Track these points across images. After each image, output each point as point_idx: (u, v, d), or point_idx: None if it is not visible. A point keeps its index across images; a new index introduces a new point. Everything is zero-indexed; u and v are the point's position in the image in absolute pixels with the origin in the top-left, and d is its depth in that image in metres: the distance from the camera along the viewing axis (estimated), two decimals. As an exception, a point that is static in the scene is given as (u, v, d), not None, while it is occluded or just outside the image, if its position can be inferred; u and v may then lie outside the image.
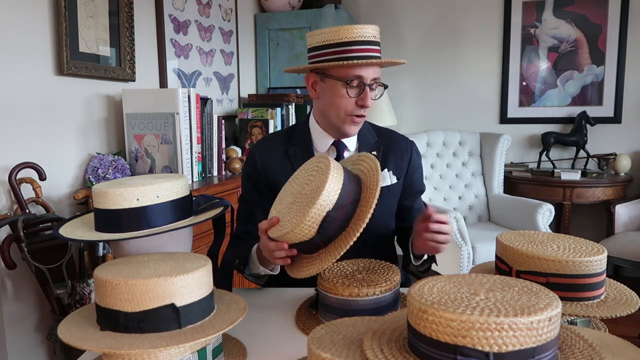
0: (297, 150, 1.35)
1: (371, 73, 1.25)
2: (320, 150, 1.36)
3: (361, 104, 1.25)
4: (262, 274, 1.26)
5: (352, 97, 1.25)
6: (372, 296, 1.00)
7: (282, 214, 1.08)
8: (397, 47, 3.97)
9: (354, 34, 1.22)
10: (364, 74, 1.23)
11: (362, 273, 1.08)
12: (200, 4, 2.81)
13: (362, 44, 1.22)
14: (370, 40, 1.24)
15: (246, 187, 1.42)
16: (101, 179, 1.92)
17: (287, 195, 1.11)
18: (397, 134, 1.46)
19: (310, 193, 1.02)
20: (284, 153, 1.36)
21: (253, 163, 1.38)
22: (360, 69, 1.23)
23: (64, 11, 1.86)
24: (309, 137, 1.37)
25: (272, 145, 1.39)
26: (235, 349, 0.95)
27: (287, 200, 1.09)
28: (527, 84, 3.74)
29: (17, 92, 1.74)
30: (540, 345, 0.57)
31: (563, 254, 0.89)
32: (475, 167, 3.56)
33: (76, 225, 1.10)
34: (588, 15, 3.55)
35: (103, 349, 0.74)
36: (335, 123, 1.30)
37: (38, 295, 1.80)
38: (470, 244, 2.89)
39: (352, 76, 1.23)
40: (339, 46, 1.22)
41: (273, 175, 1.35)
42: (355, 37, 1.22)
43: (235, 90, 3.24)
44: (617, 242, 3.02)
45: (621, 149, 3.53)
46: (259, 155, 1.38)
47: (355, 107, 1.26)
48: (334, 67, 1.24)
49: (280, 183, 1.34)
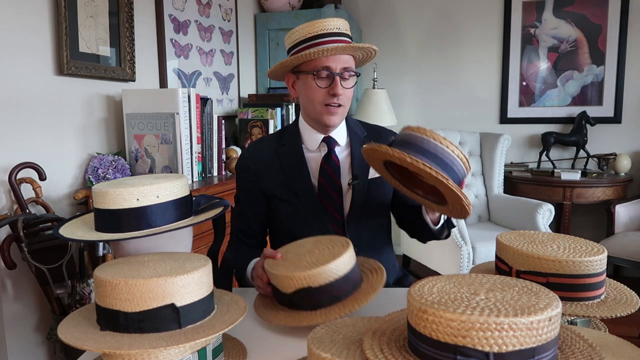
0: (286, 150, 1.38)
1: (340, 63, 1.27)
2: (310, 148, 1.38)
3: (332, 92, 1.27)
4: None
5: (323, 87, 1.28)
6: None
7: (289, 254, 1.10)
8: (397, 47, 3.97)
9: (316, 28, 1.26)
10: (332, 65, 1.27)
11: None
12: (200, 4, 2.81)
13: (327, 36, 1.26)
14: (334, 32, 1.27)
15: (238, 187, 1.45)
16: (101, 179, 1.92)
17: (307, 246, 1.12)
18: (384, 128, 1.50)
19: (323, 259, 1.02)
20: (274, 153, 1.38)
21: (244, 164, 1.42)
22: (327, 59, 1.26)
23: (64, 11, 1.86)
24: (298, 137, 1.39)
25: (263, 147, 1.42)
26: (235, 349, 0.95)
27: (305, 249, 1.10)
28: (527, 84, 3.74)
29: (17, 92, 1.74)
30: (540, 345, 0.57)
31: (563, 254, 0.88)
32: (475, 167, 3.56)
33: (76, 225, 1.10)
34: (588, 15, 3.55)
35: (103, 349, 0.74)
36: (315, 116, 1.33)
37: (38, 295, 1.80)
38: (470, 244, 2.89)
39: (320, 67, 1.27)
40: (306, 42, 1.27)
41: (263, 176, 1.37)
42: (318, 31, 1.26)
43: (235, 90, 3.24)
44: (617, 242, 3.02)
45: (621, 149, 3.53)
46: (250, 157, 1.42)
47: (328, 96, 1.28)
48: (303, 62, 1.29)
49: (270, 183, 1.36)
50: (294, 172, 1.35)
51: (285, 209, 1.36)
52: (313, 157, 1.37)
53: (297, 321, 0.99)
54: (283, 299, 1.05)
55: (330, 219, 1.33)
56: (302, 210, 1.33)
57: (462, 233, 2.89)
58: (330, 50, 1.24)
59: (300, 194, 1.34)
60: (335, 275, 0.99)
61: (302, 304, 1.01)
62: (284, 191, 1.35)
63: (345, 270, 1.00)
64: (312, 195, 1.33)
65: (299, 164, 1.35)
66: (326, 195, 1.33)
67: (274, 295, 1.09)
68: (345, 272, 1.00)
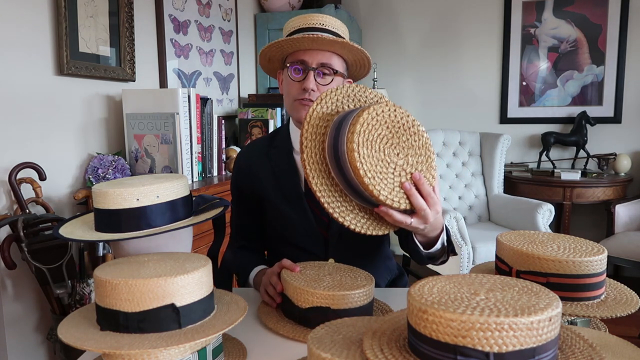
0: (277, 151, 1.36)
1: (317, 58, 1.24)
2: (297, 149, 1.34)
3: (303, 87, 1.24)
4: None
5: (296, 80, 1.26)
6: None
7: (308, 271, 1.08)
8: (396, 47, 3.97)
9: (300, 22, 1.25)
10: (308, 59, 1.24)
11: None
12: (200, 4, 2.81)
13: (309, 31, 1.24)
14: (318, 27, 1.25)
15: (232, 188, 1.45)
16: (101, 179, 1.92)
17: (328, 268, 1.10)
18: None
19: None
20: (265, 155, 1.36)
21: (238, 165, 1.42)
22: (304, 53, 1.24)
23: (64, 11, 1.86)
24: (288, 138, 1.37)
25: (256, 149, 1.41)
26: (235, 349, 0.95)
27: (326, 271, 1.08)
28: (527, 84, 3.74)
29: (17, 92, 1.74)
30: (540, 345, 0.57)
31: (563, 254, 0.88)
32: (475, 167, 3.56)
33: (76, 225, 1.09)
34: (588, 15, 3.55)
35: (103, 349, 0.74)
36: (290, 111, 1.31)
37: (38, 295, 1.80)
38: (470, 244, 2.89)
39: (296, 60, 1.25)
40: (291, 35, 1.25)
41: (255, 177, 1.36)
42: (302, 25, 1.25)
43: (235, 90, 3.24)
44: (617, 242, 3.02)
45: (621, 149, 3.53)
46: (243, 158, 1.42)
47: (300, 90, 1.25)
48: (287, 56, 1.28)
49: (261, 185, 1.34)
50: (283, 174, 1.33)
51: (275, 212, 1.34)
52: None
53: (305, 337, 0.98)
54: (294, 313, 1.03)
55: (317, 223, 1.30)
56: (290, 214, 1.31)
57: (462, 233, 2.89)
58: (302, 41, 1.20)
59: (288, 197, 1.31)
60: (356, 304, 0.98)
61: (314, 321, 0.97)
62: (274, 194, 1.33)
63: (364, 302, 1.00)
64: (299, 199, 1.30)
65: (287, 166, 1.33)
66: (312, 199, 1.28)
67: (284, 307, 1.07)
68: (363, 304, 1.00)
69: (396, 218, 0.98)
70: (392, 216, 0.97)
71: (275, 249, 1.40)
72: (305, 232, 1.30)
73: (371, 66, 1.34)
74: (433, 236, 1.11)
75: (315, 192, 0.98)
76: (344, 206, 1.00)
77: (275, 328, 1.03)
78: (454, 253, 1.21)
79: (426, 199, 0.98)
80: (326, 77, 1.26)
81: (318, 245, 1.30)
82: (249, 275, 1.31)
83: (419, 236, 1.12)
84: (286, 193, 1.31)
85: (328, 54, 1.25)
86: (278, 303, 1.10)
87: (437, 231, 1.10)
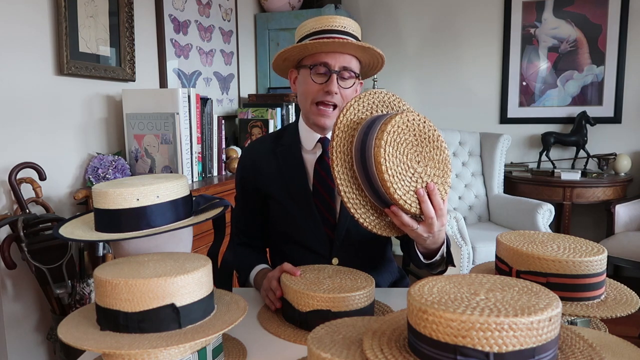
0: (284, 150, 1.35)
1: (340, 61, 1.24)
2: (307, 147, 1.34)
3: (327, 89, 1.24)
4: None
5: (318, 83, 1.25)
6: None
7: (308, 274, 1.09)
8: (396, 47, 3.97)
9: (322, 24, 1.24)
10: (331, 62, 1.24)
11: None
12: (200, 4, 2.81)
13: (331, 33, 1.23)
14: (340, 30, 1.24)
15: (237, 186, 1.44)
16: (101, 179, 1.92)
17: (328, 271, 1.11)
18: None
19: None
20: (272, 152, 1.36)
21: (244, 163, 1.41)
22: (326, 55, 1.23)
23: (64, 11, 1.86)
24: (297, 137, 1.36)
25: (263, 146, 1.40)
26: (235, 349, 0.95)
27: (326, 274, 1.09)
28: (527, 84, 3.74)
29: (17, 92, 1.74)
30: (540, 345, 0.57)
31: (563, 254, 0.88)
32: (475, 167, 3.56)
33: (76, 225, 1.09)
34: (588, 15, 3.55)
35: (103, 349, 0.74)
36: (307, 114, 1.31)
37: (38, 295, 1.80)
38: (470, 244, 2.89)
39: (319, 62, 1.24)
40: (310, 36, 1.25)
41: (260, 175, 1.36)
42: (324, 27, 1.24)
43: (235, 90, 3.24)
44: (617, 242, 3.02)
45: (621, 149, 3.53)
46: (249, 156, 1.41)
47: (322, 93, 1.25)
48: (304, 57, 1.27)
49: (267, 183, 1.34)
50: (291, 173, 1.32)
51: (280, 210, 1.34)
52: (310, 158, 1.33)
53: (304, 341, 0.98)
54: (294, 317, 1.03)
55: (323, 222, 1.29)
56: (296, 212, 1.30)
57: (462, 233, 2.89)
58: (328, 44, 1.20)
59: (295, 195, 1.31)
60: (357, 306, 0.99)
61: (314, 325, 0.99)
62: (280, 192, 1.32)
63: (364, 304, 1.00)
64: (307, 198, 1.30)
65: (296, 164, 1.32)
66: (320, 198, 1.30)
67: (284, 311, 1.07)
68: (364, 306, 1.00)
69: (404, 220, 1.00)
70: (400, 218, 1.00)
71: (278, 248, 1.40)
72: (310, 231, 1.30)
73: (383, 66, 1.34)
74: (434, 248, 1.13)
75: (335, 178, 1.01)
76: (358, 199, 1.03)
77: (276, 332, 1.03)
78: (452, 264, 1.23)
79: (436, 210, 1.01)
80: (347, 81, 1.26)
81: (323, 245, 1.30)
82: (250, 274, 1.31)
83: (420, 247, 1.14)
84: (293, 191, 1.31)
85: (349, 57, 1.26)
86: (278, 308, 1.10)
87: (438, 244, 1.12)
